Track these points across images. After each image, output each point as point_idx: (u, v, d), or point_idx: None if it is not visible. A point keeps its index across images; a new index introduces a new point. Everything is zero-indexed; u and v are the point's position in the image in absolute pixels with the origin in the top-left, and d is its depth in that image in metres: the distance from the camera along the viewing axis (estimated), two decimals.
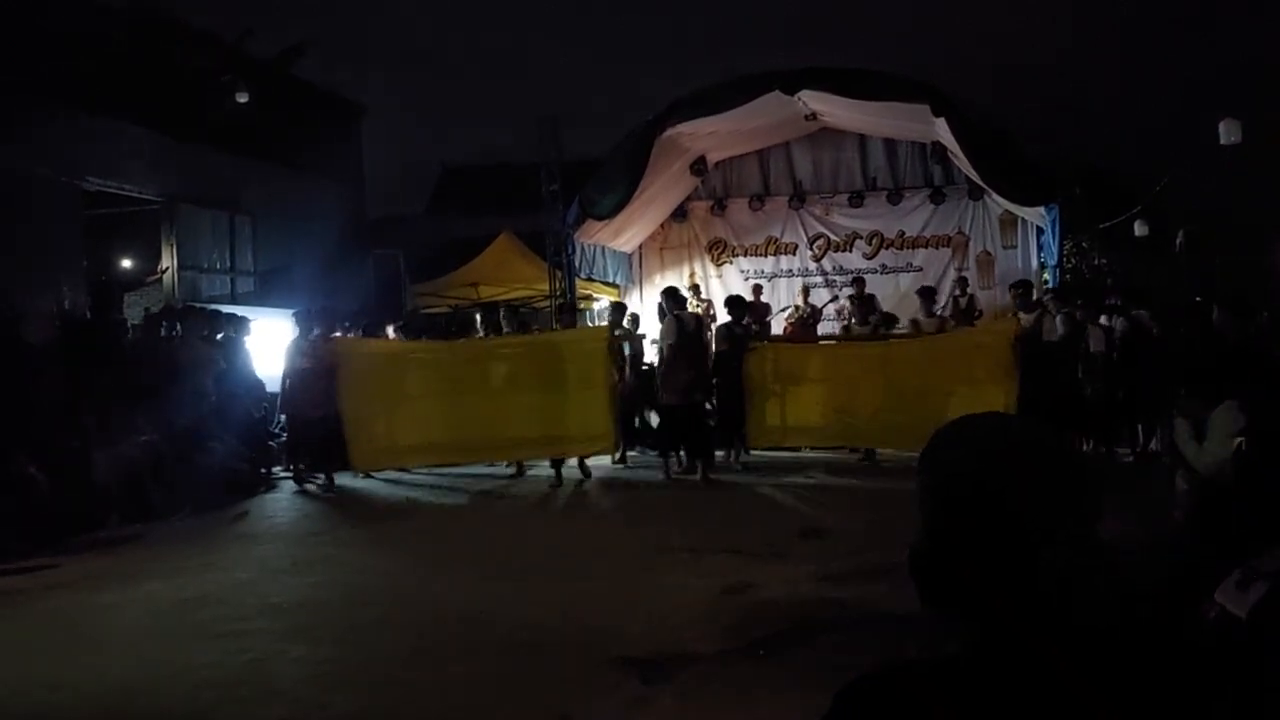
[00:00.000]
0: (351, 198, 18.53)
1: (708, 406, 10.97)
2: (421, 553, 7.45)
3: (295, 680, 4.73)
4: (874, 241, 15.46)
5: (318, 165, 17.12)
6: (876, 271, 15.22)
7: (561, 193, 14.22)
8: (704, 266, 16.33)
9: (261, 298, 14.41)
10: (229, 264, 15.07)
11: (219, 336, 11.57)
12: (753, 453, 10.92)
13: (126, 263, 13.06)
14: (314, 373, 10.43)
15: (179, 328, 11.69)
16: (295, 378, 10.62)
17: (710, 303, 15.56)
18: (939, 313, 12.46)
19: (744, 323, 11.30)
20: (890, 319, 12.20)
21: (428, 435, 10.62)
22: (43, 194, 11.85)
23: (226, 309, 12.35)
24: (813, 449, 11.29)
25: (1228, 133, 13.65)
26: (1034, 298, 11.34)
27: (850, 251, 15.63)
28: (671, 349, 10.63)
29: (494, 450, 10.70)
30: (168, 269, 13.59)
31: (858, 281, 13.86)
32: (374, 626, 5.57)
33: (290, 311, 13.33)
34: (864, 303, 12.77)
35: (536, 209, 14.52)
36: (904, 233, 15.30)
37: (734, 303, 11.50)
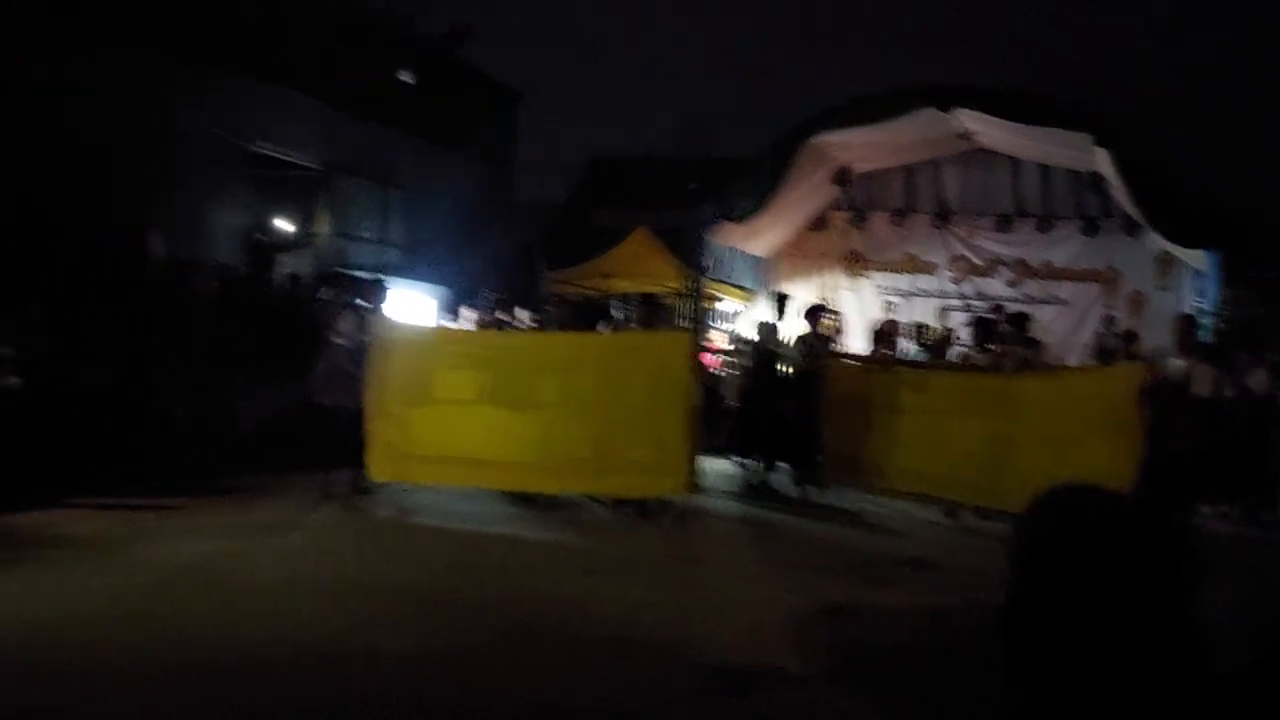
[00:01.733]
0: (500, 180, 19.02)
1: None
2: (520, 543, 7.59)
3: (394, 649, 4.91)
4: (1018, 269, 15.02)
5: (471, 146, 17.63)
6: (1019, 301, 14.74)
7: (703, 191, 14.29)
8: (837, 278, 16.14)
9: (405, 269, 14.93)
10: (378, 234, 15.68)
11: (359, 303, 12.05)
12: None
13: (283, 224, 13.68)
14: None
15: (325, 291, 12.25)
16: None
17: (839, 315, 15.37)
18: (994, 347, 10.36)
19: (818, 334, 10.42)
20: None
21: (458, 447, 8.31)
22: (213, 153, 12.53)
23: (369, 276, 12.87)
24: (886, 493, 9.37)
25: None
26: (1194, 340, 9.91)
27: (992, 277, 15.21)
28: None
29: (535, 478, 8.27)
30: (321, 234, 14.21)
31: (999, 309, 13.44)
32: (480, 606, 5.73)
33: (431, 284, 13.89)
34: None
35: (677, 205, 14.63)
36: (1051, 263, 14.81)
37: (811, 312, 10.70)
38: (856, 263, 16.13)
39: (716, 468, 10.40)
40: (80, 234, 9.84)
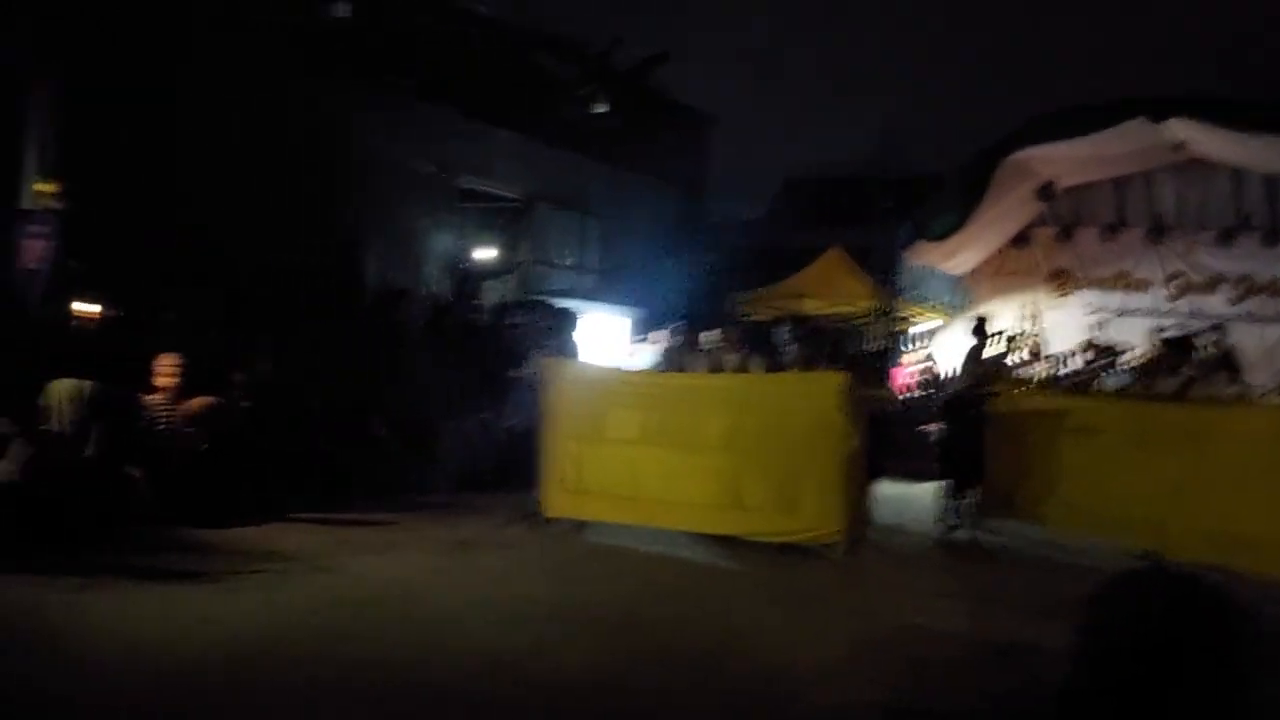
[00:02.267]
0: (692, 203, 19.34)
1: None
2: (693, 568, 7.79)
3: (571, 672, 5.16)
4: (1241, 286, 14.01)
5: (663, 171, 18.02)
6: (1242, 319, 13.78)
7: (897, 210, 14.12)
8: (1041, 297, 15.52)
9: (599, 294, 15.44)
10: (575, 261, 16.29)
11: (549, 328, 12.57)
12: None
13: (487, 253, 14.45)
14: None
15: (520, 316, 12.84)
16: None
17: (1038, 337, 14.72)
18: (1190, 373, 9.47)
19: (984, 355, 9.85)
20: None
21: (626, 485, 8.51)
22: (424, 188, 13.38)
23: (563, 303, 13.40)
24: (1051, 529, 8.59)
25: None
26: None
27: (1213, 294, 14.26)
28: None
29: (696, 519, 8.26)
30: (523, 262, 14.90)
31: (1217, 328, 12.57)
32: (651, 629, 5.94)
33: (624, 308, 14.28)
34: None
35: (870, 224, 14.51)
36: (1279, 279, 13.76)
37: (978, 327, 10.19)
38: (1063, 280, 15.47)
39: (911, 493, 10.35)
40: (302, 265, 10.73)
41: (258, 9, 11.31)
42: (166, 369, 8.28)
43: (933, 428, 10.96)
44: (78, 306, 9.14)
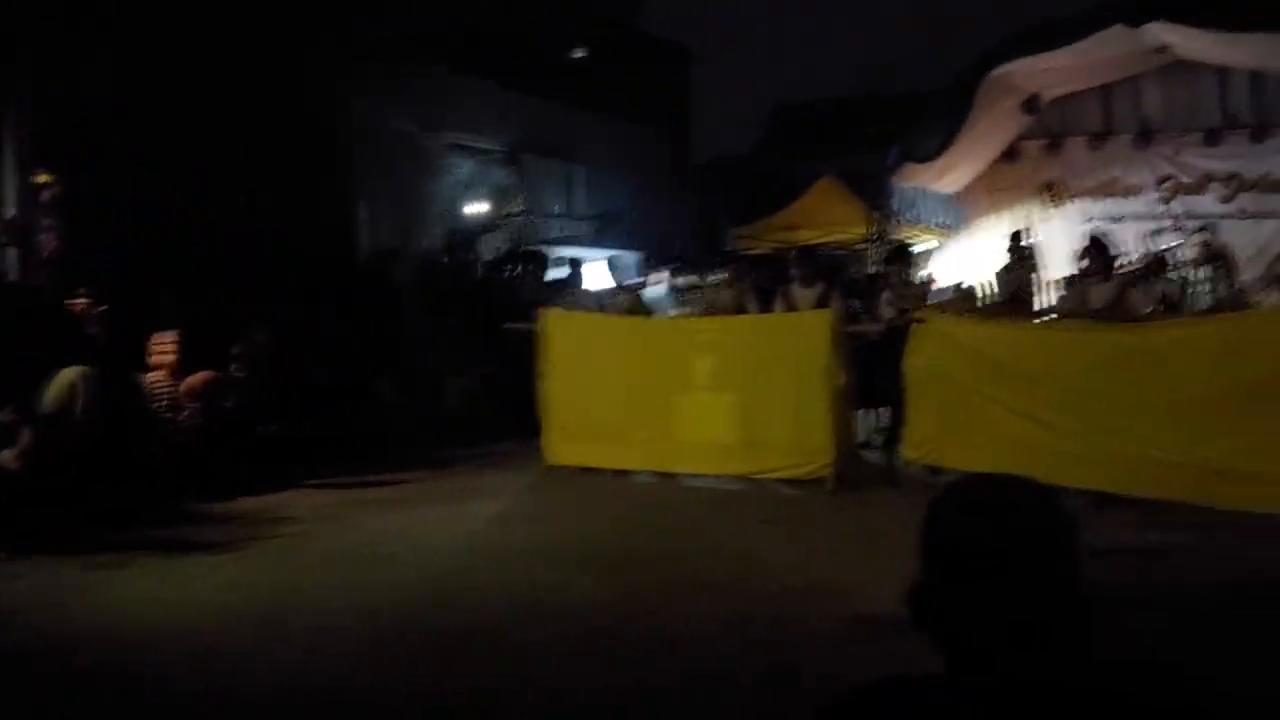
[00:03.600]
0: (678, 143, 19.29)
1: None
2: (700, 495, 8.03)
3: (575, 604, 5.39)
4: (1232, 183, 14.00)
5: (647, 113, 17.98)
6: (1234, 217, 13.79)
7: (892, 130, 14.09)
8: (1036, 209, 15.54)
9: (594, 240, 15.53)
10: (566, 209, 16.36)
11: (557, 277, 12.70)
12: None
13: (478, 208, 14.53)
14: None
15: (519, 268, 12.99)
16: None
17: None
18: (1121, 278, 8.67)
19: (914, 279, 9.63)
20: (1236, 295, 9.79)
21: (626, 430, 8.65)
22: (409, 147, 13.42)
23: (563, 251, 13.52)
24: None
25: None
26: None
27: (1204, 195, 14.26)
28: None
29: (693, 459, 8.43)
30: (513, 214, 14.97)
31: (1205, 229, 12.62)
32: (657, 556, 6.18)
33: (614, 253, 14.35)
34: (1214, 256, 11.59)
35: (862, 149, 14.49)
36: (1270, 174, 13.72)
37: (895, 253, 10.06)
38: (1054, 191, 15.47)
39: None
40: (292, 234, 10.84)
41: None
42: (164, 347, 8.45)
43: None
44: (78, 294, 9.30)
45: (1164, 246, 13.49)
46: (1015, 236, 14.46)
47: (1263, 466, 6.45)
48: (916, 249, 16.34)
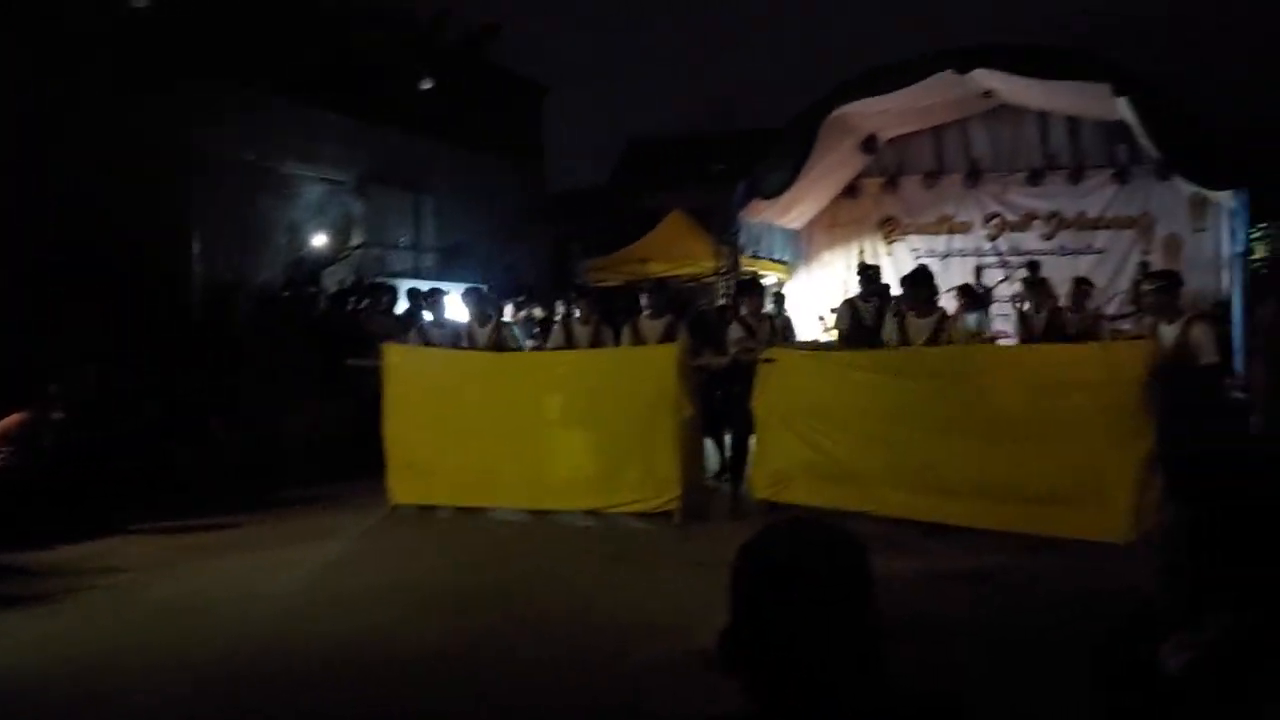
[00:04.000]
0: (531, 175, 19.28)
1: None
2: (541, 535, 7.96)
3: (409, 651, 5.25)
4: (1052, 222, 14.91)
5: (499, 145, 17.94)
6: (1054, 253, 14.68)
7: (738, 166, 14.41)
8: (874, 244, 16.18)
9: (443, 273, 15.32)
10: (413, 241, 16.10)
11: (404, 310, 12.42)
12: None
13: (320, 240, 14.15)
14: None
15: (364, 301, 12.66)
16: None
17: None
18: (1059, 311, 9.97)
19: (764, 312, 9.42)
20: (1057, 316, 9.99)
21: (472, 467, 8.47)
22: (246, 177, 12.98)
23: (413, 283, 13.25)
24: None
25: None
26: (1178, 298, 7.64)
27: (1027, 232, 15.16)
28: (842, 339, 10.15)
29: (541, 495, 8.28)
30: (358, 246, 14.65)
31: (1032, 265, 13.36)
32: (502, 595, 6.08)
33: (469, 284, 14.17)
34: (1037, 287, 12.20)
35: (711, 184, 14.79)
36: (1085, 213, 14.69)
37: (743, 287, 9.71)
38: (891, 228, 16.14)
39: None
40: (121, 265, 10.32)
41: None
42: None
43: None
44: None
45: (992, 281, 14.29)
46: (863, 267, 15.00)
47: (1078, 493, 6.78)
48: (765, 282, 16.83)
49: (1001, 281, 14.16)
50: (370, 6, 15.58)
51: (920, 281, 8.45)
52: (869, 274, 11.27)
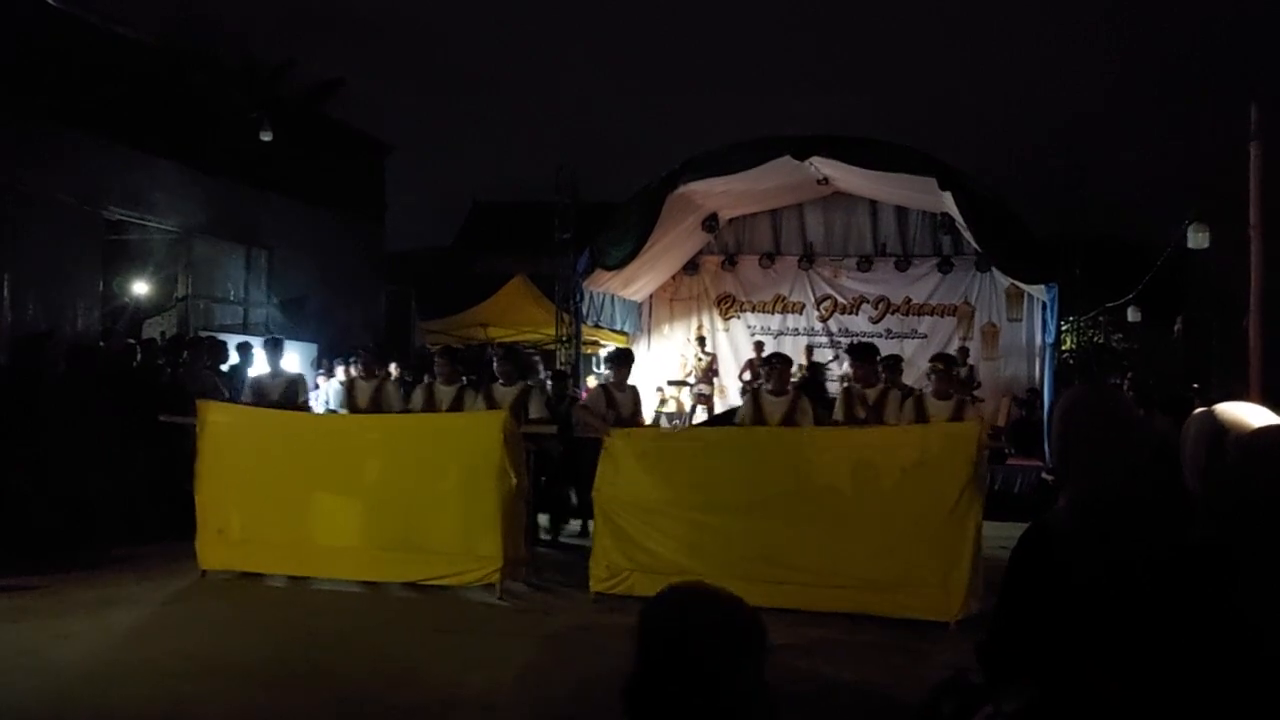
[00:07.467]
0: (372, 233, 18.92)
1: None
2: (365, 604, 7.65)
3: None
4: (880, 306, 15.65)
5: (338, 200, 17.56)
6: (881, 336, 15.37)
7: (580, 236, 14.52)
8: (712, 320, 16.58)
9: (274, 328, 14.78)
10: (244, 294, 15.48)
11: (226, 366, 11.87)
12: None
13: (144, 289, 13.45)
14: None
15: (185, 355, 12.04)
16: None
17: (714, 357, 15.80)
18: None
19: (623, 384, 9.05)
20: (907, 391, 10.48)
21: (285, 533, 8.01)
22: (65, 220, 12.26)
23: (239, 339, 12.70)
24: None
25: (1196, 239, 13.88)
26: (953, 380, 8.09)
27: (857, 314, 15.89)
28: None
29: (357, 565, 7.80)
30: (183, 297, 13.99)
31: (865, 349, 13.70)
32: (314, 674, 5.76)
33: (299, 342, 13.74)
34: (866, 363, 12.40)
35: (554, 251, 14.84)
36: (910, 299, 15.51)
37: (616, 358, 9.51)
38: (730, 305, 16.59)
39: None
40: None
41: None
42: None
43: None
44: None
45: (823, 360, 14.82)
46: (702, 341, 15.39)
47: (910, 574, 6.83)
48: (603, 352, 16.95)
49: (832, 361, 14.70)
50: (207, 51, 15.10)
51: (781, 362, 8.38)
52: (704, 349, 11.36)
